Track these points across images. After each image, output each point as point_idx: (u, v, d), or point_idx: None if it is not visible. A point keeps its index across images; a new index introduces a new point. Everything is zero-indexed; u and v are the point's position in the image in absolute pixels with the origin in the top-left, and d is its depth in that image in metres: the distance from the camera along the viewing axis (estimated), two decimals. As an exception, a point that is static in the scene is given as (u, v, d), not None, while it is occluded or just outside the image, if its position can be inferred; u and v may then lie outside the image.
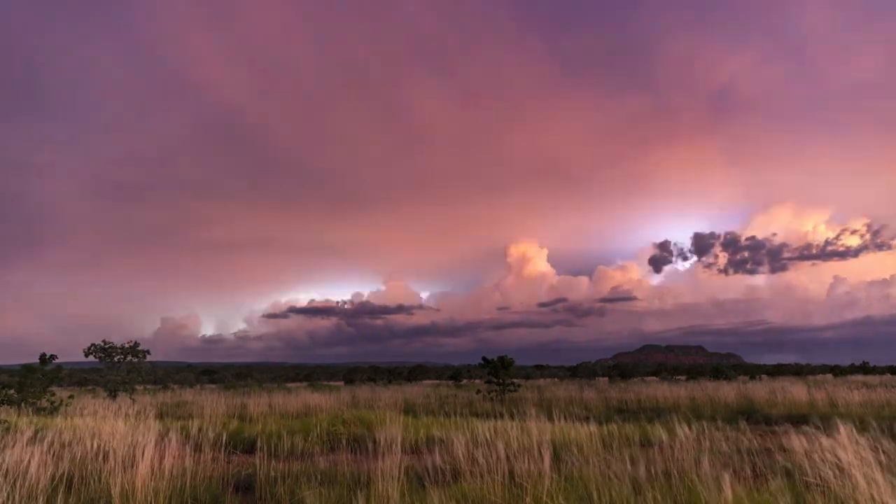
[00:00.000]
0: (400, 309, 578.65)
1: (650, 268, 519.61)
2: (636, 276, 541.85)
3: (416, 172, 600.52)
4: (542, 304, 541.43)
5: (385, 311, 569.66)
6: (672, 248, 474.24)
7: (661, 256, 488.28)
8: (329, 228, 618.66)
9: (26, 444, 5.81)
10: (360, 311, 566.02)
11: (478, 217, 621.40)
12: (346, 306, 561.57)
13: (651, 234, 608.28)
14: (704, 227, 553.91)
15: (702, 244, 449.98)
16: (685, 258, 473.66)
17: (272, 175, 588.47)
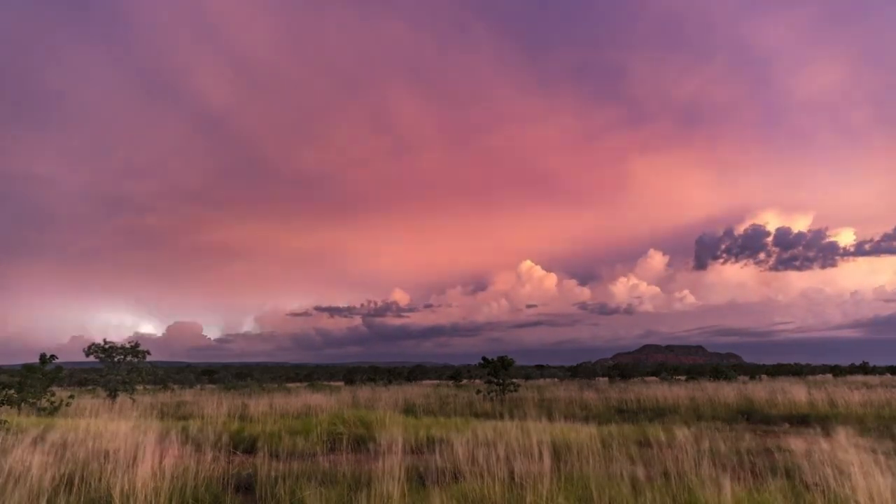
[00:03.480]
0: (404, 309, 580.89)
1: (694, 263, 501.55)
2: (646, 276, 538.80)
3: (407, 178, 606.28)
4: (577, 304, 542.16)
5: (392, 311, 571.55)
6: (714, 243, 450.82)
7: (706, 252, 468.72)
8: (327, 232, 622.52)
9: (27, 445, 5.82)
10: (374, 311, 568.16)
11: (473, 220, 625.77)
12: (371, 306, 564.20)
13: (644, 236, 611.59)
14: (697, 230, 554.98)
15: (753, 241, 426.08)
16: (736, 254, 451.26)
17: (269, 182, 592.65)
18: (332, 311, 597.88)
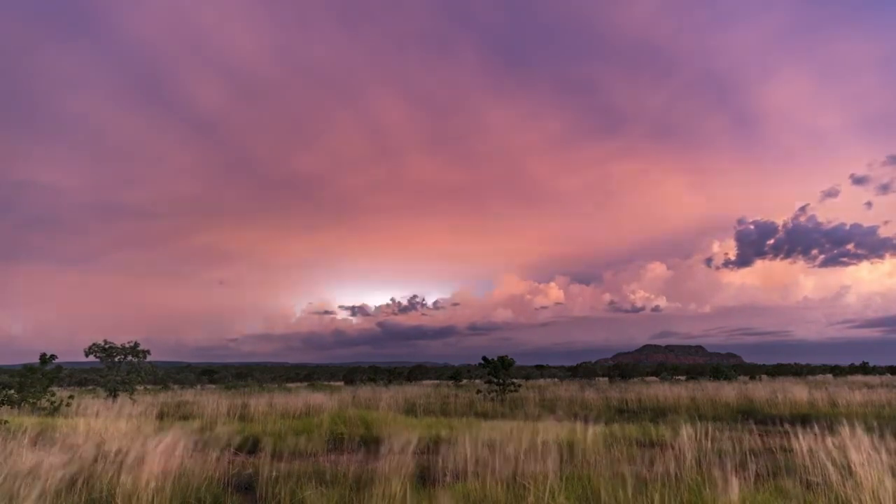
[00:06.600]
0: (430, 308, 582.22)
1: (736, 260, 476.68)
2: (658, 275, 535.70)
3: (402, 182, 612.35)
4: (614, 303, 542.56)
5: (416, 310, 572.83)
6: (759, 238, 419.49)
7: (750, 248, 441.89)
8: (325, 235, 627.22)
9: (27, 445, 5.81)
10: (399, 310, 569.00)
11: (470, 223, 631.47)
12: (397, 305, 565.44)
13: (643, 238, 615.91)
14: (690, 233, 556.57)
15: (804, 236, 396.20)
16: (787, 251, 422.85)
17: (267, 185, 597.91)
18: (356, 309, 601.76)
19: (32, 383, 14.13)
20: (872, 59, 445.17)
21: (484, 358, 20.37)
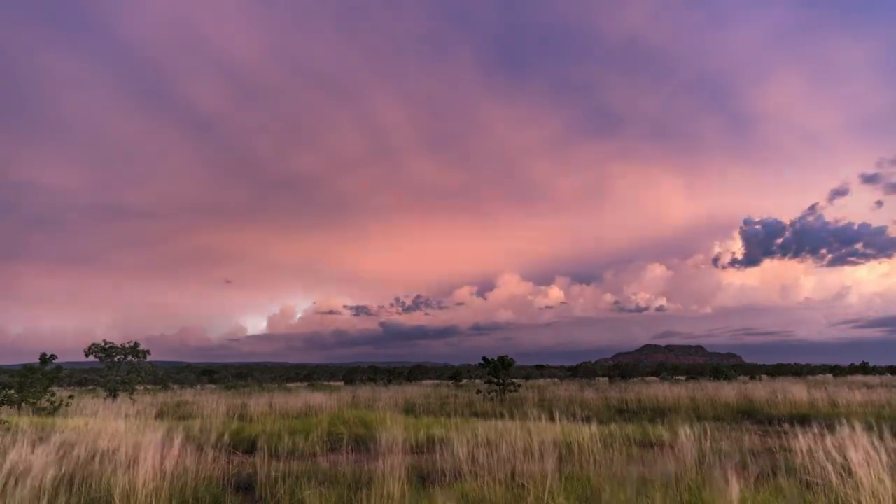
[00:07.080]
0: (433, 308, 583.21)
1: (743, 259, 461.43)
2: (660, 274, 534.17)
3: (401, 184, 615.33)
4: (615, 303, 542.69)
5: (420, 310, 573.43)
6: (766, 237, 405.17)
7: (757, 247, 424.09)
8: (323, 235, 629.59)
9: (27, 445, 5.80)
10: (403, 309, 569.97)
11: (467, 223, 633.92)
12: (400, 304, 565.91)
13: (642, 239, 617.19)
14: (690, 233, 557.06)
15: (811, 235, 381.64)
16: (795, 250, 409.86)
17: (265, 186, 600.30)
18: (358, 309, 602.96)
19: (32, 383, 14.13)
20: (877, 57, 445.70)
21: (484, 358, 20.37)
